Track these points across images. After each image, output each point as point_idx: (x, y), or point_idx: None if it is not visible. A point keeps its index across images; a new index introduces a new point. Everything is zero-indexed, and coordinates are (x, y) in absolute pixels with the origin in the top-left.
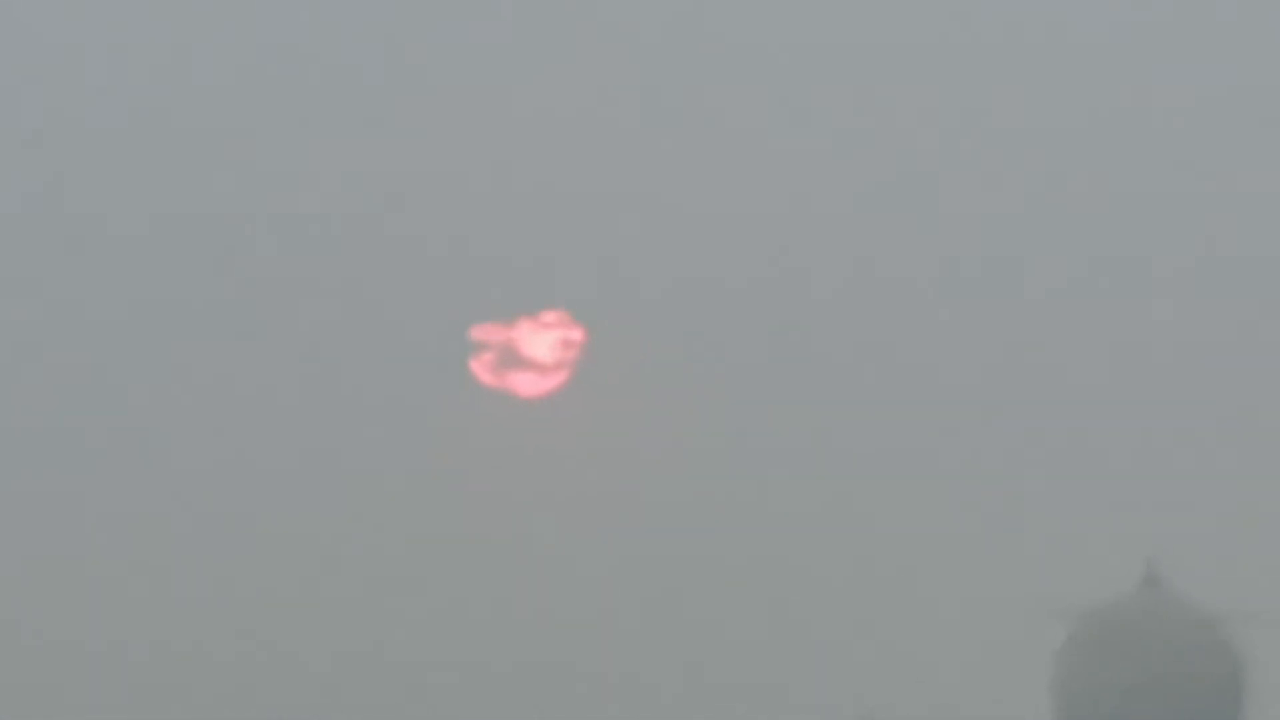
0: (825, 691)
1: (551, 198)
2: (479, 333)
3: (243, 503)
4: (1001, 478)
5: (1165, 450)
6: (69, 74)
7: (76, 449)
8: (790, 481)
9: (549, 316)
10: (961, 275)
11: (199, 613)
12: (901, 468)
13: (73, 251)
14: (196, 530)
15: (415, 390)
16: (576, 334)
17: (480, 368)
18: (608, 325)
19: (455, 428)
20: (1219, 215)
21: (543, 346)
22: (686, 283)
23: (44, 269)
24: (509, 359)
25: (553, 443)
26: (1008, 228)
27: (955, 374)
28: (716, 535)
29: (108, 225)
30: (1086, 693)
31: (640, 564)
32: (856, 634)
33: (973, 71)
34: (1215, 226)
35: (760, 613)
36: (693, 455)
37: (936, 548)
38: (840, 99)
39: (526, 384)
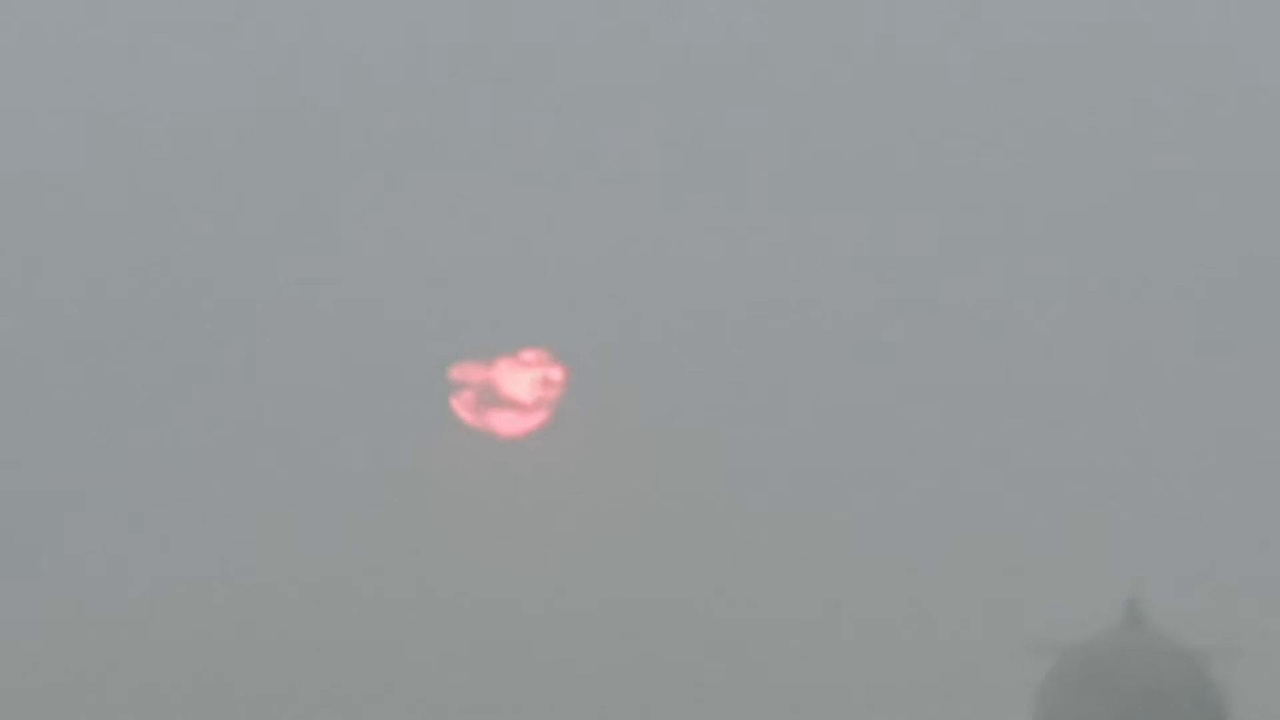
0: None
1: (530, 236)
2: (458, 372)
3: (218, 539)
4: (982, 513)
5: (1148, 485)
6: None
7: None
8: (771, 517)
9: (528, 355)
10: (941, 306)
11: (170, 650)
12: (881, 504)
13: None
14: (169, 567)
15: (394, 429)
16: (556, 373)
17: (460, 407)
18: (589, 364)
19: (435, 467)
20: (1220, 240)
21: (522, 385)
22: (668, 320)
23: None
24: (489, 398)
25: (533, 481)
26: (983, 254)
27: (934, 407)
28: (696, 573)
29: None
30: None
31: (619, 602)
32: (835, 671)
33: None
34: (1216, 254)
35: (739, 649)
36: (673, 494)
37: (916, 583)
38: (823, 137)
39: (506, 423)
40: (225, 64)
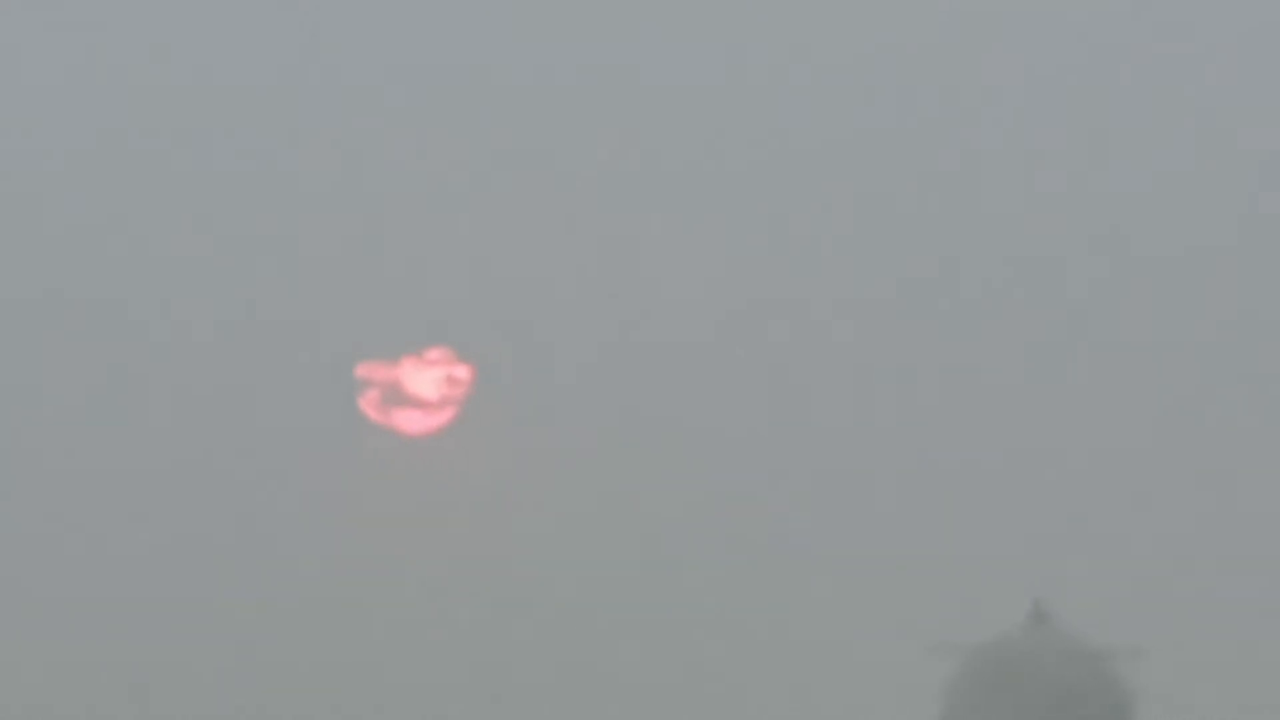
0: None
1: (437, 233)
2: (364, 370)
3: (119, 539)
4: (887, 512)
5: (1052, 484)
6: None
7: None
8: (676, 519)
9: (434, 353)
10: (848, 302)
11: (61, 654)
12: (785, 504)
13: None
14: (70, 565)
15: (300, 427)
16: (462, 371)
17: (366, 405)
18: (494, 362)
19: (339, 466)
20: (1106, 242)
21: (428, 384)
22: (575, 316)
23: None
24: (394, 397)
25: (438, 481)
26: (886, 260)
27: (835, 406)
28: (599, 575)
29: None
30: None
31: (524, 602)
32: (741, 671)
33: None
34: (1111, 256)
35: (644, 650)
36: (580, 493)
37: (821, 582)
38: (723, 136)
39: (412, 422)
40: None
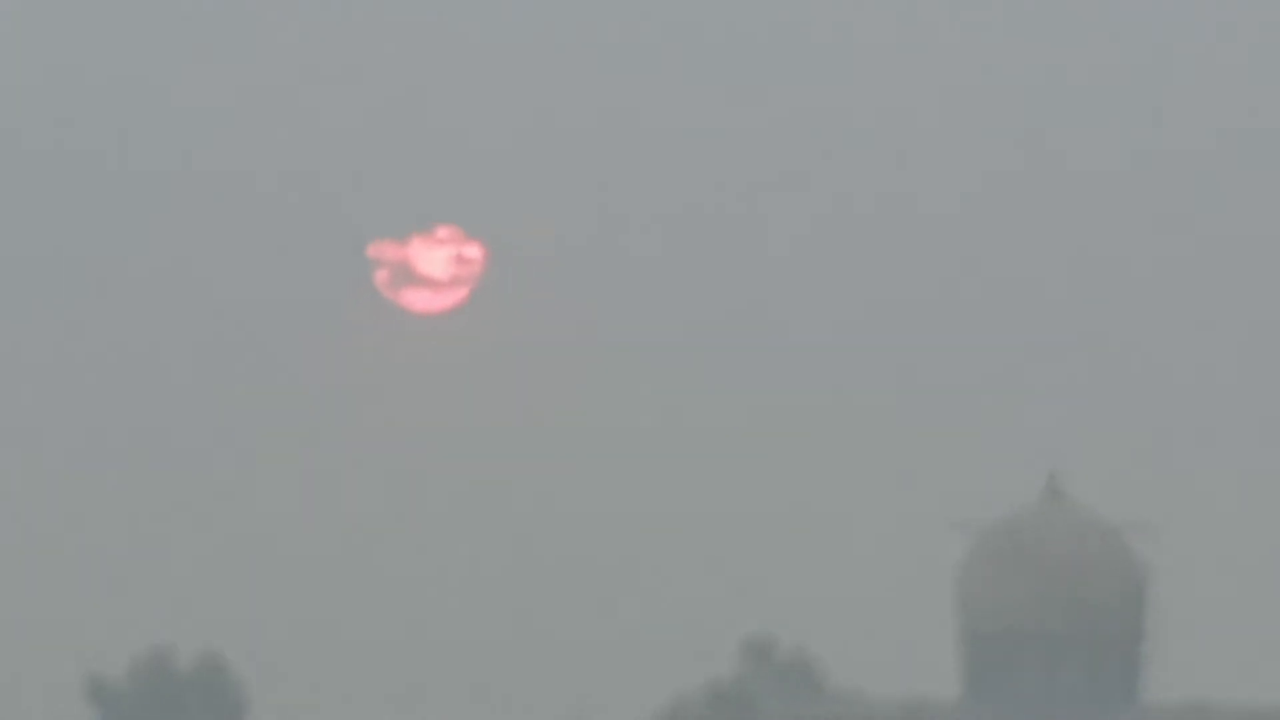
0: (733, 610)
1: (451, 113)
2: (374, 250)
3: (140, 415)
4: (904, 393)
5: (1067, 363)
6: None
7: None
8: (688, 400)
9: (443, 232)
10: (851, 209)
11: (77, 536)
12: (803, 384)
13: None
14: (91, 444)
15: (311, 305)
16: (472, 250)
17: (378, 284)
18: (505, 241)
19: (351, 344)
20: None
21: (437, 263)
22: (584, 201)
23: None
24: (404, 276)
25: (447, 359)
26: (899, 168)
27: (852, 287)
28: (608, 454)
29: None
30: (991, 604)
31: (529, 481)
32: (763, 551)
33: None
34: (1080, 175)
35: (662, 532)
36: (585, 375)
37: (841, 463)
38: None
39: (422, 300)
40: None
